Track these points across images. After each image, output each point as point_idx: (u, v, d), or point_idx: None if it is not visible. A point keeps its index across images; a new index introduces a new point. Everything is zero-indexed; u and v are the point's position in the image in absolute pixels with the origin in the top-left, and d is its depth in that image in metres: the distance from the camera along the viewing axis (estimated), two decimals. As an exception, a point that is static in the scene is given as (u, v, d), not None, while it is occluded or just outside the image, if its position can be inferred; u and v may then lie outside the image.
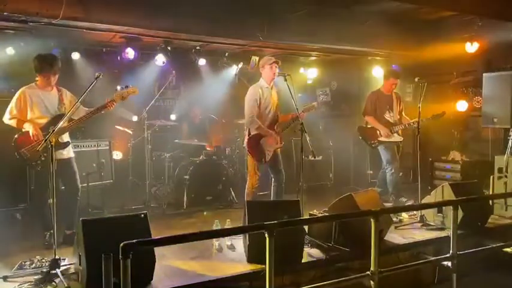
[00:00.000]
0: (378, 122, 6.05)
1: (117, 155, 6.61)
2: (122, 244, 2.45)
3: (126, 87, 4.50)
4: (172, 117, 7.68)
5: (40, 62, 4.27)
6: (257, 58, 7.08)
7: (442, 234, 4.56)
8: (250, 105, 4.89)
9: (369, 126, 6.21)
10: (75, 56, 6.45)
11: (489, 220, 5.00)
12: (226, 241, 4.24)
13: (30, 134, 4.15)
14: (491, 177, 5.65)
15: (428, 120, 5.64)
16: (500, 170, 5.56)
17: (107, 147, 6.32)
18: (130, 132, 6.57)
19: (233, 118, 7.37)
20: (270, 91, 5.03)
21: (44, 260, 3.69)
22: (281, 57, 5.31)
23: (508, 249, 4.38)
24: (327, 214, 4.45)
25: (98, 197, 5.83)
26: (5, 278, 3.41)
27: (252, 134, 4.98)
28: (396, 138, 6.10)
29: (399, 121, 6.13)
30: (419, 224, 4.88)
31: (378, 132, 6.04)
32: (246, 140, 5.03)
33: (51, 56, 4.37)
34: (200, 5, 5.44)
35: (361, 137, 6.37)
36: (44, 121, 4.28)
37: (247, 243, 3.74)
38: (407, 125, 6.00)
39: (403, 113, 6.22)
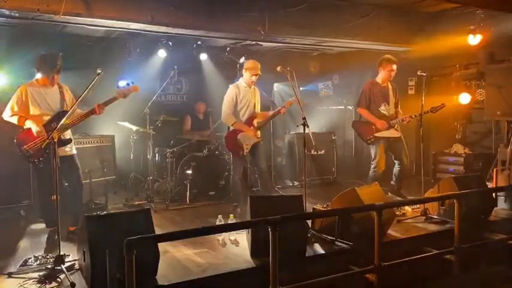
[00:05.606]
0: (372, 115, 5.66)
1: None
2: (125, 240, 2.46)
3: (128, 84, 4.48)
4: (174, 112, 7.66)
5: (43, 61, 4.25)
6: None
7: (446, 227, 4.55)
8: (225, 103, 5.32)
9: (362, 120, 5.83)
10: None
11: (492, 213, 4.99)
12: (230, 236, 4.24)
13: (33, 131, 4.12)
14: (495, 169, 5.63)
15: (427, 114, 5.32)
16: (503, 163, 5.54)
17: (110, 144, 6.32)
18: (133, 128, 6.56)
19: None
20: (248, 90, 5.34)
21: (48, 257, 3.69)
22: (283, 51, 5.29)
23: (512, 242, 4.37)
24: (330, 208, 4.46)
25: (101, 193, 5.84)
26: (9, 275, 3.41)
27: (230, 129, 5.32)
28: (393, 133, 5.68)
29: (395, 114, 5.76)
30: (423, 218, 4.87)
31: (373, 127, 5.63)
32: (225, 135, 5.38)
33: (54, 56, 4.33)
34: (200, 0, 5.43)
35: (356, 133, 6.09)
36: (46, 118, 4.27)
37: (251, 238, 3.75)
38: (405, 120, 5.59)
39: (399, 106, 5.85)
